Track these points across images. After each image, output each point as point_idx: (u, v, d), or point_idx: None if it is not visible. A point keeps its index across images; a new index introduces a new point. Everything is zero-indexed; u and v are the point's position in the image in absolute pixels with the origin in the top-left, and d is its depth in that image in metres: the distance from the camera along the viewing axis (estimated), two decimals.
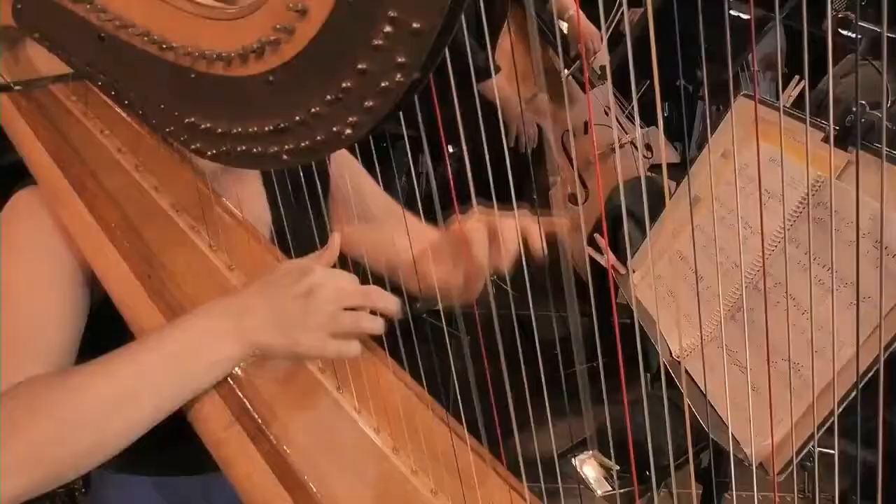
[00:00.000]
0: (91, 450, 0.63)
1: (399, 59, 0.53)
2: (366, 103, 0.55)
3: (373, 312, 0.70)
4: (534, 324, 0.70)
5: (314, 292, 0.65)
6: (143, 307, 0.69)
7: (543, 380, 0.70)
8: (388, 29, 0.52)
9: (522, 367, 0.70)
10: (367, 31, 0.53)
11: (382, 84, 0.54)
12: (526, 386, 0.71)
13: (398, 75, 0.54)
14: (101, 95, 0.80)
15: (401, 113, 0.58)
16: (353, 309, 0.68)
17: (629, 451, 0.77)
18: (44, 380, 0.64)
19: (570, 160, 2.31)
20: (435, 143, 0.79)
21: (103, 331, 0.72)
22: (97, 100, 0.83)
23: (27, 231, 0.74)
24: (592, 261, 1.17)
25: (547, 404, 0.70)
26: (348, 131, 0.57)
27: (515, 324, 0.76)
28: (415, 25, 0.52)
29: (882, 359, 0.69)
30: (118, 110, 0.82)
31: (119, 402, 0.63)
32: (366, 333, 0.69)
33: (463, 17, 0.53)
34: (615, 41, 2.25)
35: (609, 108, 2.31)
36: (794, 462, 0.80)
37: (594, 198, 2.22)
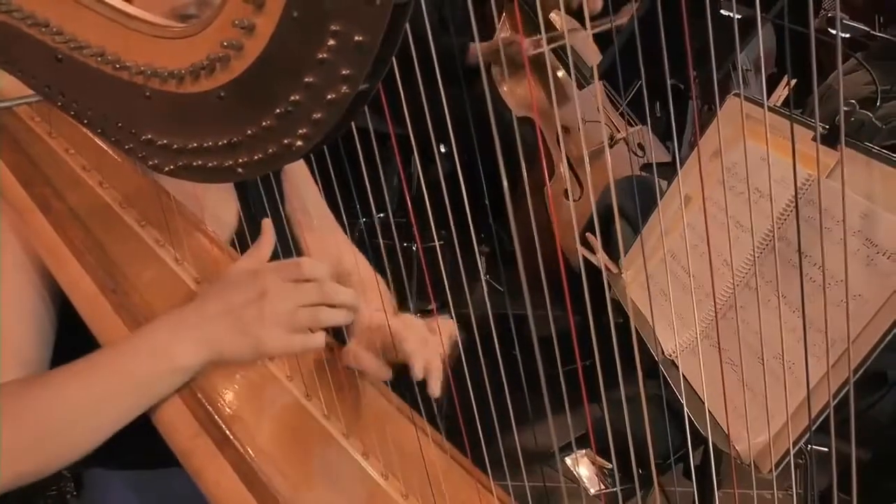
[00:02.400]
0: (58, 454, 0.66)
1: (344, 72, 0.54)
2: (314, 115, 0.57)
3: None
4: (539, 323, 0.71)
5: (268, 291, 0.67)
6: (109, 321, 0.70)
7: (521, 379, 0.72)
8: (331, 42, 0.54)
9: (509, 365, 0.72)
10: (312, 45, 0.54)
11: (329, 96, 0.55)
12: (513, 385, 0.72)
13: (344, 87, 0.55)
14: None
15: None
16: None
17: (622, 449, 0.77)
18: (12, 390, 0.67)
19: (566, 157, 2.32)
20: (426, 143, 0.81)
21: (74, 341, 0.73)
22: (61, 119, 0.84)
23: None
24: (585, 259, 1.18)
25: (545, 402, 0.71)
26: (299, 143, 0.58)
27: (490, 321, 0.77)
28: (357, 38, 0.53)
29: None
30: (81, 128, 0.83)
31: (81, 414, 0.65)
32: (327, 325, 0.71)
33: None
34: (608, 40, 2.26)
35: (604, 107, 2.33)
36: (787, 459, 0.81)
37: (588, 196, 2.24)
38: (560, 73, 2.29)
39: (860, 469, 0.63)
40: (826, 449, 0.71)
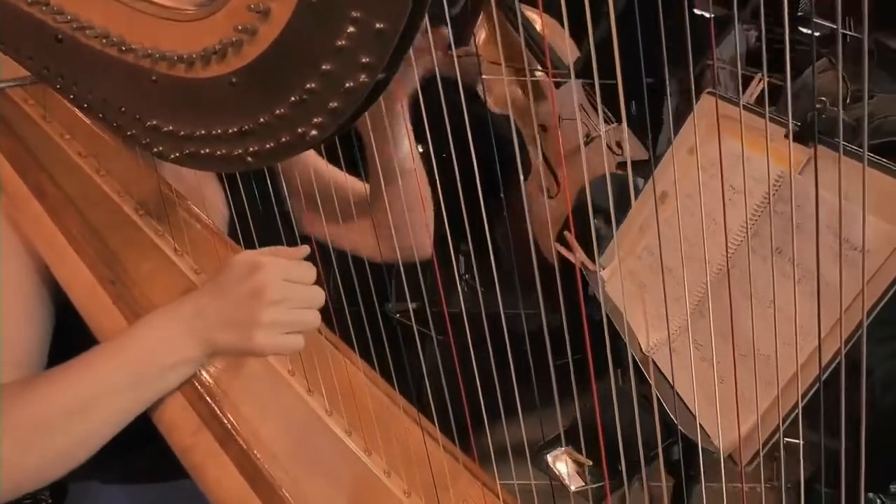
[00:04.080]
0: (55, 457, 0.64)
1: (363, 60, 0.53)
2: (330, 104, 0.55)
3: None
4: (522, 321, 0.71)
5: (264, 292, 0.65)
6: (107, 313, 0.68)
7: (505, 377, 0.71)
8: (351, 30, 0.52)
9: (494, 364, 0.71)
10: (331, 32, 0.53)
11: (347, 85, 0.54)
12: (495, 383, 0.71)
13: (362, 76, 0.54)
14: (61, 99, 0.79)
15: None
16: None
17: (601, 446, 0.77)
18: (13, 391, 0.64)
19: (544, 154, 2.32)
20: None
21: (69, 340, 0.71)
22: (56, 103, 0.81)
23: None
24: (562, 256, 1.18)
25: (521, 400, 0.71)
26: (313, 132, 0.57)
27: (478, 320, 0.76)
28: (378, 26, 0.51)
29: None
30: (78, 114, 0.81)
31: (78, 411, 0.63)
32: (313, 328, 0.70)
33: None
34: (582, 39, 2.26)
35: (582, 105, 2.33)
36: (764, 452, 0.81)
37: (565, 193, 2.24)
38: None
39: (837, 460, 0.64)
40: (801, 442, 0.72)
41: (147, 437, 0.66)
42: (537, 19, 2.29)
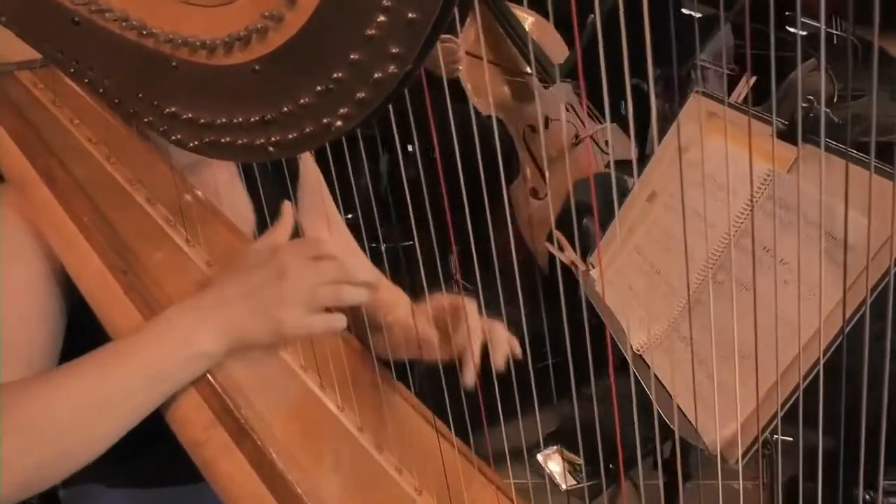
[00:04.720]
0: (56, 457, 0.61)
1: (393, 50, 0.52)
2: (358, 95, 0.54)
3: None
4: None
5: (286, 271, 0.64)
6: (118, 304, 0.66)
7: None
8: (381, 18, 0.51)
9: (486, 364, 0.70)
10: (361, 21, 0.51)
11: (376, 75, 0.53)
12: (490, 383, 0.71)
13: (392, 66, 0.52)
14: (72, 84, 0.77)
15: None
16: None
17: (593, 445, 0.77)
18: (17, 387, 0.61)
19: (532, 155, 2.31)
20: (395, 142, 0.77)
21: (78, 336, 0.69)
22: (66, 88, 0.79)
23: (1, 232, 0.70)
24: (553, 257, 1.17)
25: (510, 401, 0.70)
26: (339, 123, 0.55)
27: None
28: (410, 16, 0.50)
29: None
30: (89, 99, 0.79)
31: (92, 411, 0.61)
32: (348, 303, 0.68)
33: None
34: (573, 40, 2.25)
35: (570, 105, 2.32)
36: (754, 449, 0.81)
37: (555, 194, 2.23)
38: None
39: (825, 458, 0.64)
40: (791, 439, 0.72)
41: (155, 437, 0.64)
42: (527, 17, 2.28)
